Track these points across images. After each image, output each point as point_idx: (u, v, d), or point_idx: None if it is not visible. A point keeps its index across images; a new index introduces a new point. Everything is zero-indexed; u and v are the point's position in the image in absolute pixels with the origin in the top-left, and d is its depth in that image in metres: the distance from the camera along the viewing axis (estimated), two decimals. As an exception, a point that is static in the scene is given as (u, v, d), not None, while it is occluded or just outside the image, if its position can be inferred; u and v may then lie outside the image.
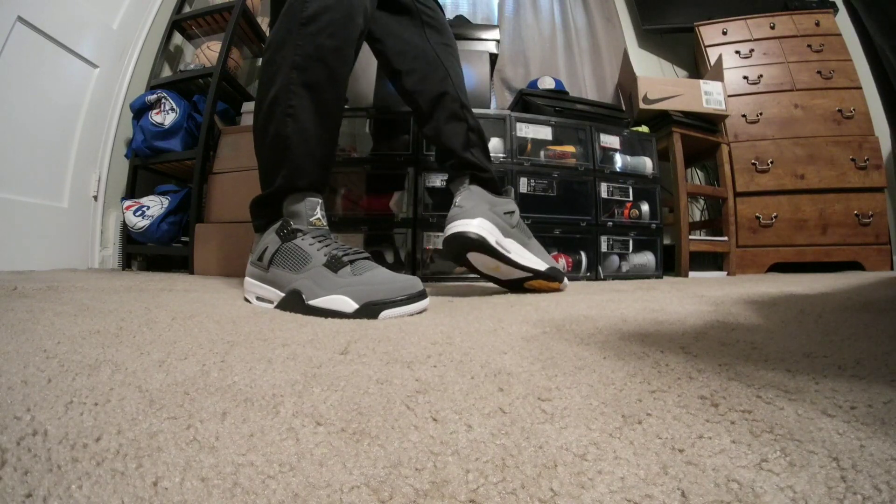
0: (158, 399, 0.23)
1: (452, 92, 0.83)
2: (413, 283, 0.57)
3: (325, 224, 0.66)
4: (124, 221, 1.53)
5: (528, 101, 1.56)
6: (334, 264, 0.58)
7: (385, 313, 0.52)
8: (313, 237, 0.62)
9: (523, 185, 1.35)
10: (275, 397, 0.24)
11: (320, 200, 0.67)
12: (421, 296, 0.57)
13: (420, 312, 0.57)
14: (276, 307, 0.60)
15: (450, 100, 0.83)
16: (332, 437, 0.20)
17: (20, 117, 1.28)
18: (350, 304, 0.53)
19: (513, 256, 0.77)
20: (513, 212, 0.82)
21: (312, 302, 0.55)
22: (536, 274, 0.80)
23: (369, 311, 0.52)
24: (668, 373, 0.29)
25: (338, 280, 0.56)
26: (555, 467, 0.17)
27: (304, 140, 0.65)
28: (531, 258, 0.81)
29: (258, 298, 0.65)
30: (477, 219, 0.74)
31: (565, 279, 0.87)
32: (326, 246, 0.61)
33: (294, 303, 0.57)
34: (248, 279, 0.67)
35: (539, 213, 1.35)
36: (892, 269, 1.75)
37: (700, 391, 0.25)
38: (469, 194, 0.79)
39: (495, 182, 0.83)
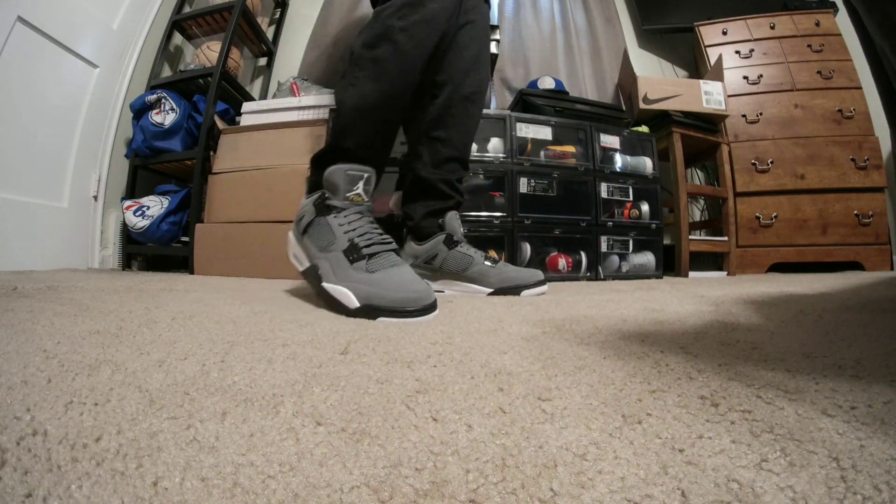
0: (158, 399, 0.23)
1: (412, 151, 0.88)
2: (424, 294, 0.53)
3: (365, 199, 0.65)
4: (124, 221, 1.53)
5: (528, 101, 1.56)
6: (351, 252, 0.59)
7: (382, 320, 0.51)
8: (345, 216, 0.63)
9: (523, 185, 1.34)
10: (275, 397, 0.24)
11: (364, 175, 0.65)
12: (426, 310, 0.53)
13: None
14: (302, 272, 0.66)
15: (412, 159, 0.88)
16: (332, 437, 0.20)
17: (20, 117, 1.28)
18: (353, 301, 0.53)
19: (447, 294, 0.84)
20: (434, 255, 0.85)
21: (324, 284, 0.58)
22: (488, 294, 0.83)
23: (368, 313, 0.52)
24: (668, 373, 0.29)
25: (350, 273, 0.57)
26: (555, 467, 0.17)
27: (358, 105, 0.69)
28: (470, 287, 0.84)
29: (294, 256, 0.68)
30: None
31: (529, 290, 0.82)
32: (353, 230, 0.61)
33: (313, 276, 0.62)
34: (290, 235, 0.70)
35: (539, 213, 1.35)
36: (892, 269, 1.75)
37: (700, 391, 0.25)
38: (403, 251, 0.87)
39: (417, 229, 0.88)
